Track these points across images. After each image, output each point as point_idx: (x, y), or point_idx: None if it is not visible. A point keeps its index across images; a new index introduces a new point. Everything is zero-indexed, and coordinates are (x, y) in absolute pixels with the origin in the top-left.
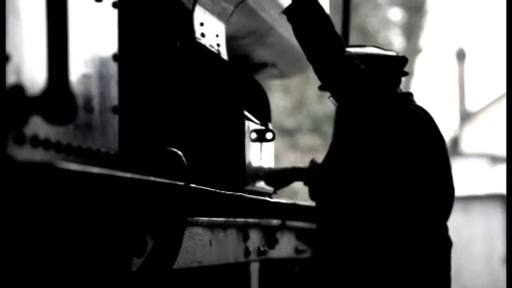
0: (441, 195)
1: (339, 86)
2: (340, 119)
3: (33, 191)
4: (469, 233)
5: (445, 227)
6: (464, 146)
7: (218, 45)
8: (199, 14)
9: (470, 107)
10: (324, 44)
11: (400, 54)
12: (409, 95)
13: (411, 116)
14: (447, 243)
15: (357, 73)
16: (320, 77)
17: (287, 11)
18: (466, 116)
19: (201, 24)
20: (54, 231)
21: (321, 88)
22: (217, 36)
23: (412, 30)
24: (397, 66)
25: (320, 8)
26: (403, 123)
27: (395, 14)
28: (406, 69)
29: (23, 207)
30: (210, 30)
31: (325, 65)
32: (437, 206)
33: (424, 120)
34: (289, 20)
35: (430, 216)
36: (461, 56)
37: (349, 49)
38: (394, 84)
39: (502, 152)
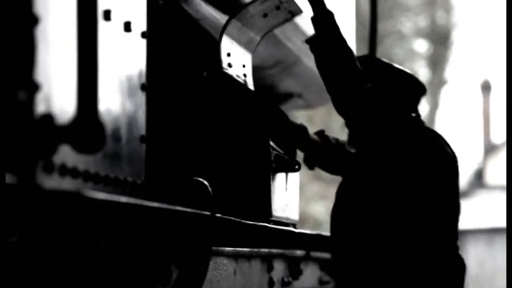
0: (451, 217)
1: (357, 116)
2: (355, 148)
3: (61, 219)
4: (493, 265)
5: (456, 247)
6: (489, 178)
7: (245, 75)
8: (226, 44)
9: (494, 139)
10: (344, 76)
11: (421, 82)
12: (418, 118)
13: (423, 139)
14: (460, 264)
15: (376, 105)
16: (338, 108)
17: (310, 41)
18: (490, 148)
19: (228, 54)
20: (81, 259)
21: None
22: (244, 66)
23: (437, 61)
24: (416, 90)
25: (343, 40)
26: (415, 147)
27: (421, 46)
28: (431, 100)
29: (51, 236)
30: (237, 61)
31: (344, 96)
32: (448, 227)
33: (435, 143)
34: (312, 49)
35: (442, 237)
36: (486, 88)
37: (383, 59)
38: (410, 107)
39: None
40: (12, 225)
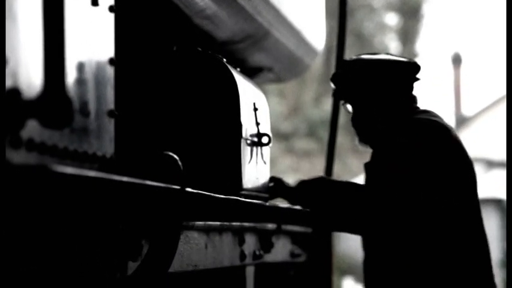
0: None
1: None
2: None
3: (29, 194)
4: None
5: (483, 233)
6: None
7: None
8: None
9: (466, 111)
10: (361, 218)
11: (412, 61)
12: (427, 112)
13: (438, 130)
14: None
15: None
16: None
17: (313, 225)
18: (461, 121)
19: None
20: (49, 234)
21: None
22: None
23: (408, 34)
24: (409, 72)
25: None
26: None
27: (392, 19)
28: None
29: (19, 211)
30: None
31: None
32: (469, 217)
33: (451, 135)
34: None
35: (464, 224)
36: (457, 60)
37: (361, 56)
38: (407, 90)
39: (498, 156)
40: None
